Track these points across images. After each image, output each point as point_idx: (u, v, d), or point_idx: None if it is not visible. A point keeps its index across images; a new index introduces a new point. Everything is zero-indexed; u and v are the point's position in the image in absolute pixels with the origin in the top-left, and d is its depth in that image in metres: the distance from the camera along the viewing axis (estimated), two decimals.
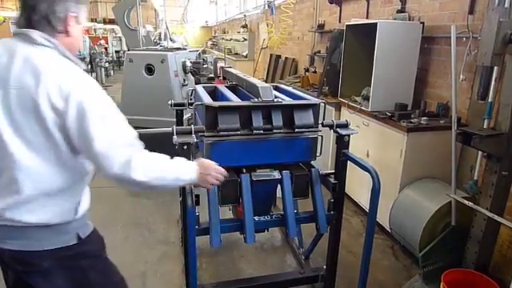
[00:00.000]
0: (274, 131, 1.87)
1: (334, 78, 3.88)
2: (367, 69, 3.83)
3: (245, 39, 10.58)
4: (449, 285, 2.05)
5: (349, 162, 1.96)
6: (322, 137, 2.03)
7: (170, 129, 1.75)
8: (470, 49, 2.69)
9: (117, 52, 15.10)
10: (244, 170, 2.14)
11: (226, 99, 2.09)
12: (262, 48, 9.05)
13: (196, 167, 1.38)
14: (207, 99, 1.95)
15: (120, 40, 15.40)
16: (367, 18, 4.16)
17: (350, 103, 3.52)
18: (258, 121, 1.84)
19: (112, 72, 14.20)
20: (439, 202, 2.54)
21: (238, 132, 1.82)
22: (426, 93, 3.28)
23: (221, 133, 1.79)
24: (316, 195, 2.00)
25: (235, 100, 2.00)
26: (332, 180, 2.04)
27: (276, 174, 1.95)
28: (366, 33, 3.64)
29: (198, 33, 19.40)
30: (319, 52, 5.42)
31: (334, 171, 2.08)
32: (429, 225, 2.52)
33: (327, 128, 1.99)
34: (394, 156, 2.85)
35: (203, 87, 2.37)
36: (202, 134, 1.82)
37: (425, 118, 2.78)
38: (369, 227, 1.88)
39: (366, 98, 3.22)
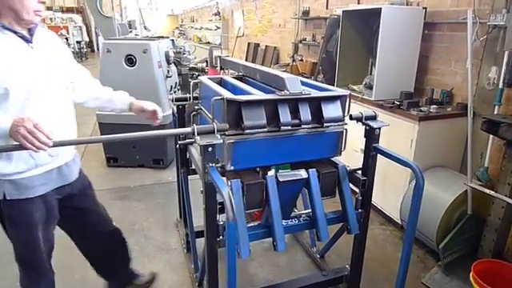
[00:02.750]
0: (303, 126, 1.70)
1: (329, 66, 3.75)
2: (364, 57, 3.74)
3: (218, 27, 10.23)
4: (478, 275, 2.00)
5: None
6: (346, 130, 1.89)
7: (190, 129, 1.52)
8: (477, 34, 2.63)
9: (78, 42, 14.17)
10: (258, 170, 1.97)
11: (241, 91, 1.88)
12: (237, 36, 8.77)
13: (12, 121, 1.31)
14: (225, 93, 1.73)
15: (80, 30, 14.48)
16: (358, 3, 4.04)
17: (350, 92, 3.39)
18: (285, 116, 1.65)
19: None
20: (454, 192, 2.49)
21: (265, 129, 1.62)
22: (427, 80, 3.22)
23: (246, 131, 1.59)
24: (345, 193, 1.86)
25: (255, 92, 1.79)
26: (360, 176, 1.91)
27: (303, 173, 1.78)
28: (364, 19, 3.54)
29: (165, 21, 18.64)
30: (305, 40, 5.27)
31: (360, 167, 1.95)
32: (445, 215, 2.47)
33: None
34: (404, 146, 2.77)
35: (210, 79, 2.14)
36: (222, 132, 1.61)
37: (434, 106, 2.71)
38: (409, 231, 1.74)
39: (369, 87, 3.12)
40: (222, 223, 1.66)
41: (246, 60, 8.03)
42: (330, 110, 1.75)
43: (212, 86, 1.94)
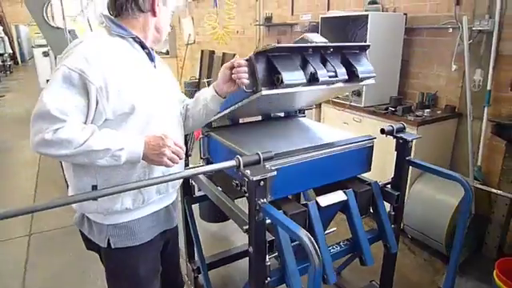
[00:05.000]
0: (339, 77, 1.56)
1: None
2: None
3: None
4: (503, 273, 2.05)
5: None
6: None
7: (234, 162, 1.31)
8: (461, 39, 2.74)
9: (1, 55, 12.65)
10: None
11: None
12: (187, 44, 8.43)
13: (143, 140, 1.20)
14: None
15: (3, 41, 12.96)
16: (328, 9, 4.05)
17: (333, 99, 3.37)
18: (319, 66, 1.51)
19: None
20: (457, 193, 2.55)
21: (304, 80, 1.45)
22: (409, 84, 3.30)
23: (285, 82, 1.37)
24: (381, 211, 1.78)
25: None
26: (392, 191, 1.85)
27: (342, 195, 1.67)
28: (340, 27, 3.54)
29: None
30: None
31: (390, 181, 1.89)
32: (452, 218, 2.52)
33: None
34: None
35: None
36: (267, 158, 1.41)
37: (427, 110, 2.77)
38: (455, 254, 1.70)
39: (357, 94, 3.11)
40: (268, 264, 1.47)
41: (201, 68, 7.76)
42: (360, 63, 1.66)
43: None
